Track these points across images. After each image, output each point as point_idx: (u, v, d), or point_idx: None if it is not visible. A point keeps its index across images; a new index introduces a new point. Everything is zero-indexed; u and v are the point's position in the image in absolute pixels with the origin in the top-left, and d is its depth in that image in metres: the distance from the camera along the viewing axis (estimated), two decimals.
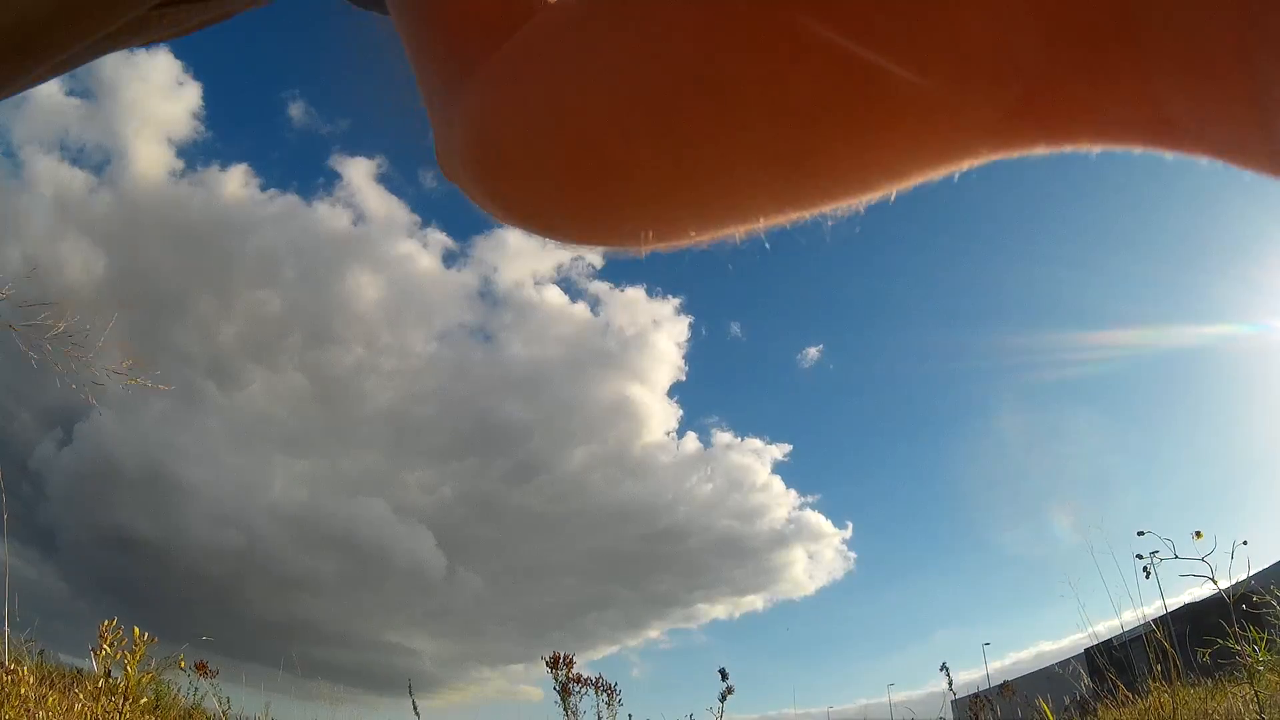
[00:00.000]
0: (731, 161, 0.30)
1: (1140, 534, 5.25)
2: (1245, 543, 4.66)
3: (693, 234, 0.36)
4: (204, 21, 0.40)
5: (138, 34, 0.37)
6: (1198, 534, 4.80)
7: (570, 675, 6.91)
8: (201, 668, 6.84)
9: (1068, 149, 0.25)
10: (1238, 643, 4.75)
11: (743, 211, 0.33)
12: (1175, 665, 5.49)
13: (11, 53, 0.33)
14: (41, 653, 6.58)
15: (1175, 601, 5.99)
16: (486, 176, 0.42)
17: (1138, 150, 0.24)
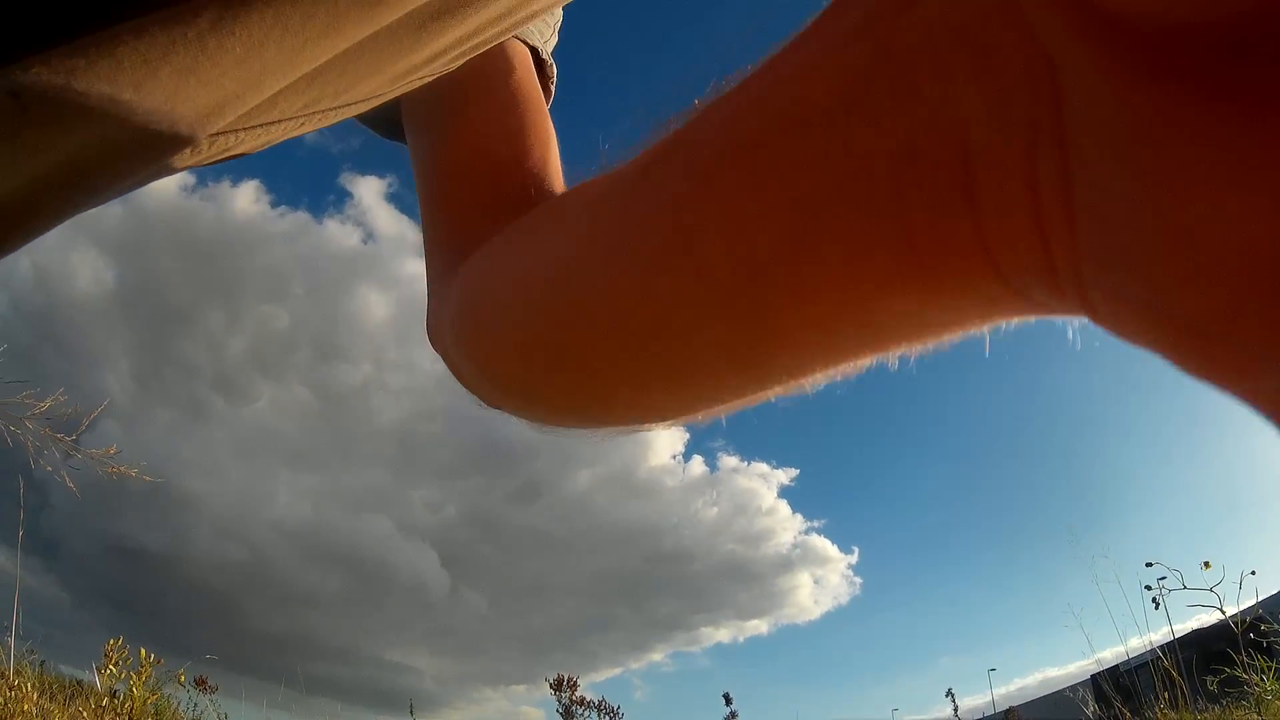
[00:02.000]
0: (696, 329, 0.30)
1: (1149, 565, 5.24)
2: (1254, 573, 4.65)
3: (666, 420, 0.37)
4: (259, 144, 0.41)
5: (190, 159, 0.38)
6: (1206, 564, 4.78)
7: (573, 698, 6.88)
8: (202, 683, 6.82)
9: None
10: (1245, 671, 4.72)
11: (706, 394, 0.33)
12: (1182, 693, 5.46)
13: (65, 190, 0.34)
14: (42, 664, 6.57)
15: (1182, 628, 5.96)
16: (476, 351, 0.43)
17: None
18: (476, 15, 0.41)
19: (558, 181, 0.48)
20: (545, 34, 0.54)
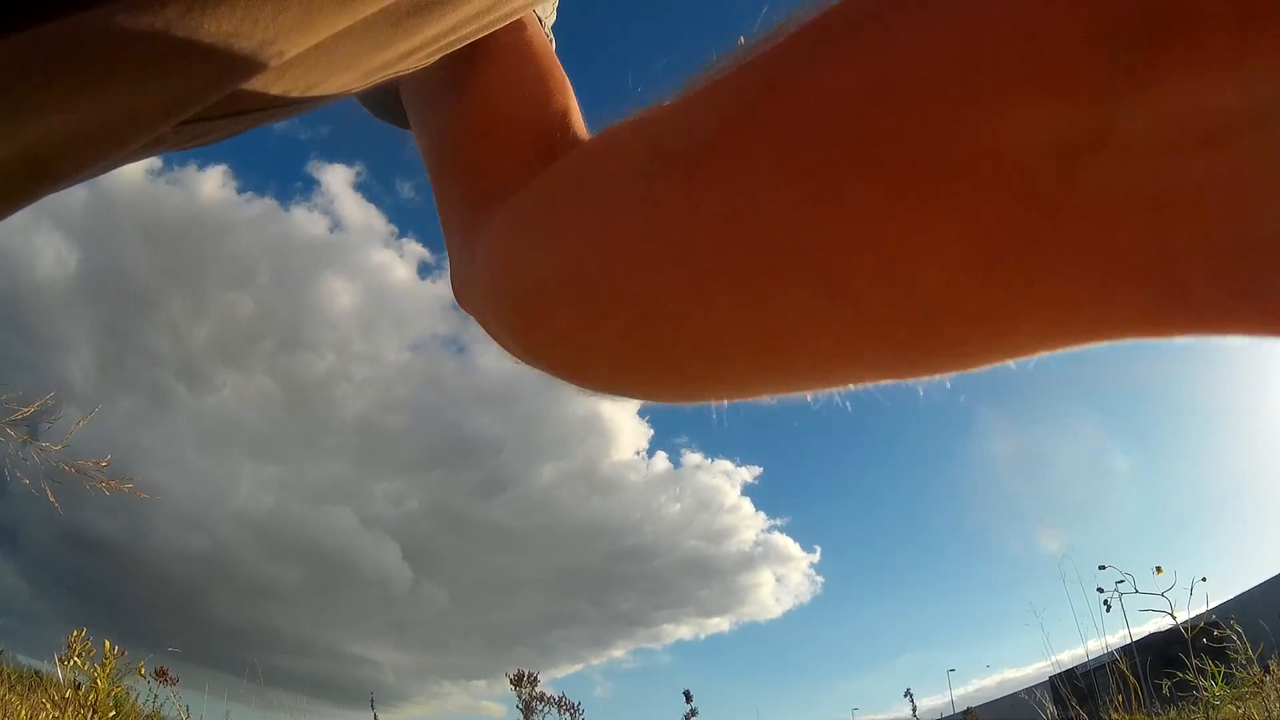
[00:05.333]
0: (830, 341, 0.27)
1: (1102, 568, 5.31)
2: (1204, 579, 4.73)
3: (764, 396, 0.33)
4: (225, 134, 0.40)
5: (155, 147, 0.38)
6: (1158, 569, 4.86)
7: (533, 693, 6.88)
8: (162, 674, 6.74)
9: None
10: (1198, 675, 4.80)
11: (833, 381, 0.30)
12: (1137, 695, 5.53)
13: (25, 179, 0.33)
14: (0, 653, 6.47)
15: (1140, 631, 6.04)
16: (522, 328, 0.40)
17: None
18: (454, 13, 0.41)
19: (580, 125, 0.47)
20: (545, 9, 0.53)
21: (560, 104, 0.47)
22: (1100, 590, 5.35)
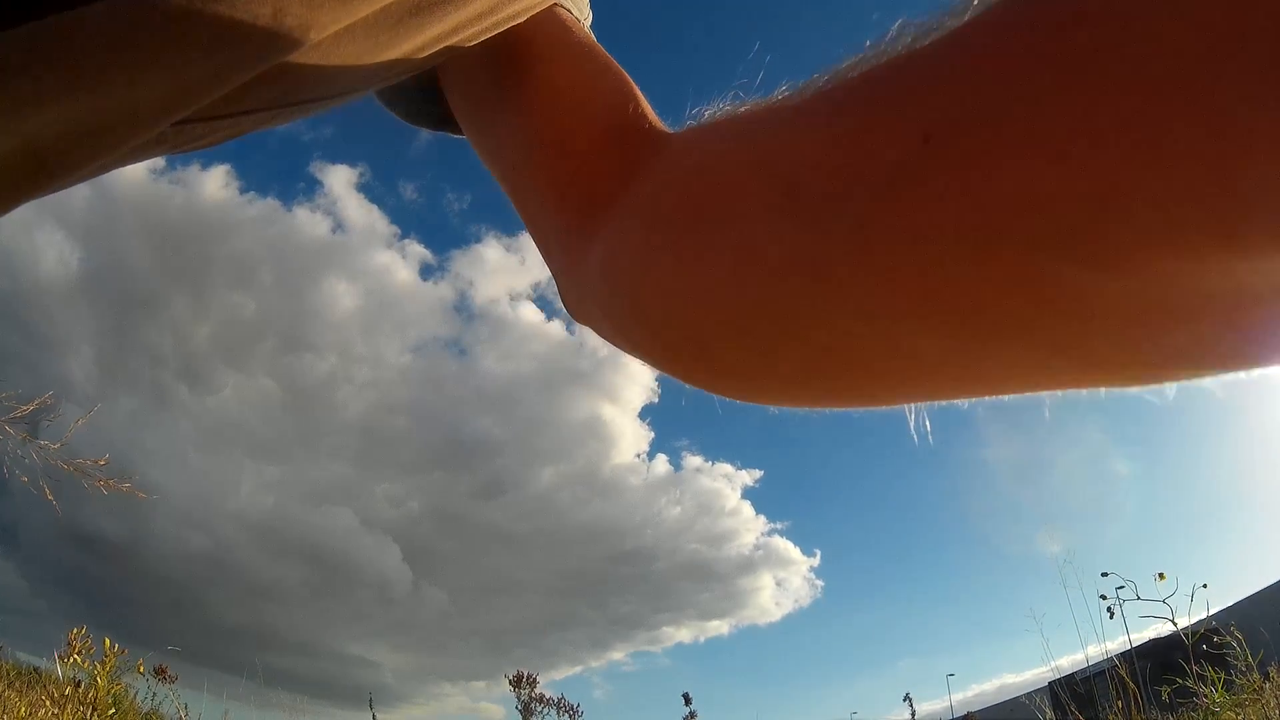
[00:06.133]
0: (1039, 375, 0.28)
1: (1104, 575, 5.31)
2: (1205, 585, 4.73)
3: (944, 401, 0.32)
4: (226, 136, 0.40)
5: (156, 147, 0.37)
6: (1160, 576, 4.86)
7: (533, 694, 6.88)
8: (162, 672, 6.74)
9: None
10: (1196, 682, 4.80)
11: (1024, 390, 0.30)
12: (1137, 701, 5.52)
13: (22, 175, 0.33)
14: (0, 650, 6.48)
15: (1140, 637, 6.04)
16: (678, 365, 0.39)
17: None
18: (457, 13, 0.41)
19: (655, 118, 0.45)
20: (583, 11, 0.52)
21: (632, 98, 0.46)
22: (1103, 597, 5.35)
